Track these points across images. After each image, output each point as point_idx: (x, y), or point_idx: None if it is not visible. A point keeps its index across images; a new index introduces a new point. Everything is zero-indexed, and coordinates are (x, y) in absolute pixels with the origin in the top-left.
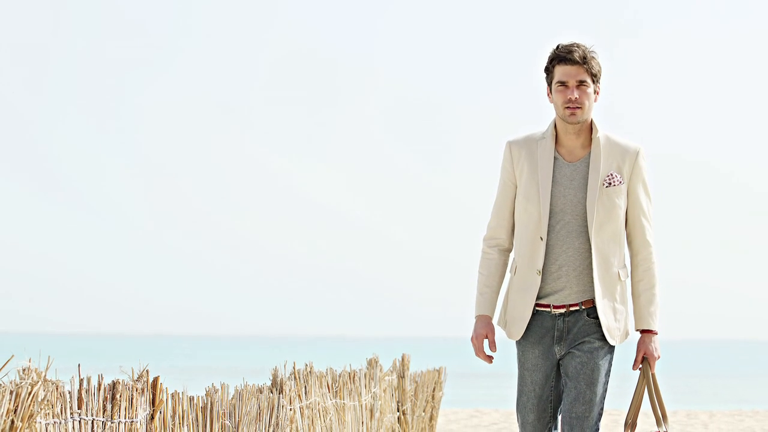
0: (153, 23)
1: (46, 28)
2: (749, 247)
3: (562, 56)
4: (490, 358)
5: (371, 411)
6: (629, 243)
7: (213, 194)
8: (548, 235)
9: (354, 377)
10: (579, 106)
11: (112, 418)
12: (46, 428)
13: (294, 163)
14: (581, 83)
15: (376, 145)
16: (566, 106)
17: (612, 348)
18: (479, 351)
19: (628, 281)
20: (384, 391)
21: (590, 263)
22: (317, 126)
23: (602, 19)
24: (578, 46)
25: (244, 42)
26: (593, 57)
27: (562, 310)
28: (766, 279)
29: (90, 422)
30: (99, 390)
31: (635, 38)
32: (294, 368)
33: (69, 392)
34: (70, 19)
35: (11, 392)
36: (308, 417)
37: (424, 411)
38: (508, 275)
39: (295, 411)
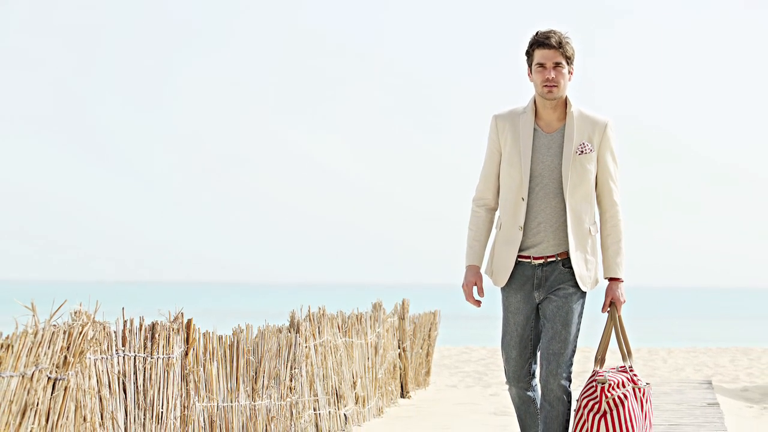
0: (186, 15)
1: (96, 15)
2: (703, 207)
3: (540, 41)
4: (478, 303)
5: (376, 348)
6: (599, 203)
7: (238, 160)
8: (529, 195)
9: (361, 319)
10: (555, 84)
11: (151, 355)
12: (95, 363)
13: (307, 133)
14: (557, 65)
15: (378, 117)
16: (544, 84)
17: (584, 294)
18: (469, 296)
19: (598, 236)
20: (387, 331)
21: (565, 220)
22: (328, 101)
23: (579, 8)
24: (554, 32)
25: (265, 30)
26: (568, 42)
27: (541, 261)
28: (716, 235)
29: (132, 358)
30: (140, 330)
31: (607, 25)
32: (309, 311)
33: (114, 332)
34: (117, 8)
35: (64, 332)
36: (321, 353)
37: (421, 348)
38: (494, 231)
39: (309, 348)
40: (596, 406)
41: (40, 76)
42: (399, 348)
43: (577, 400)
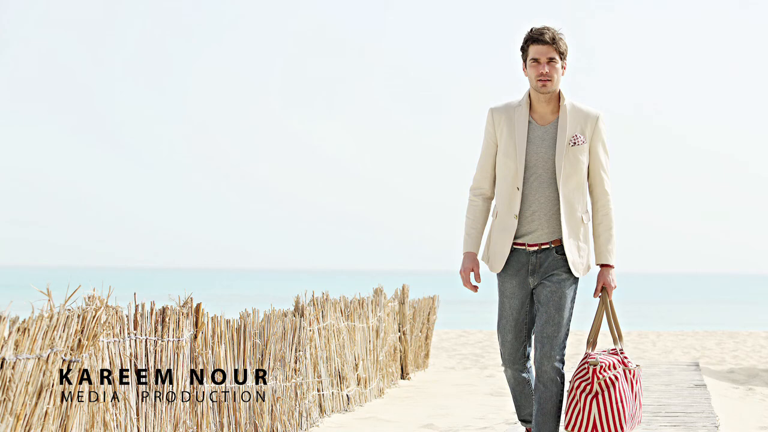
0: (197, 7)
1: (107, 5)
2: (693, 196)
3: (535, 37)
4: (475, 288)
5: (377, 331)
6: (591, 192)
7: (246, 149)
8: (523, 185)
9: (363, 303)
10: (549, 79)
11: (162, 338)
12: (108, 346)
13: (311, 123)
14: (551, 60)
15: (380, 109)
16: (538, 78)
17: (576, 279)
18: (466, 282)
19: (590, 224)
20: (387, 315)
21: (558, 209)
22: (332, 92)
23: (570, 3)
24: (548, 29)
25: (273, 24)
26: (561, 38)
27: (535, 248)
28: (705, 222)
29: (144, 341)
30: (151, 314)
31: (595, 18)
32: (313, 296)
33: (126, 316)
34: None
35: (79, 316)
36: (325, 336)
37: (420, 331)
38: (490, 219)
39: (314, 331)
40: (588, 387)
41: (51, 67)
42: (399, 331)
43: (570, 381)
